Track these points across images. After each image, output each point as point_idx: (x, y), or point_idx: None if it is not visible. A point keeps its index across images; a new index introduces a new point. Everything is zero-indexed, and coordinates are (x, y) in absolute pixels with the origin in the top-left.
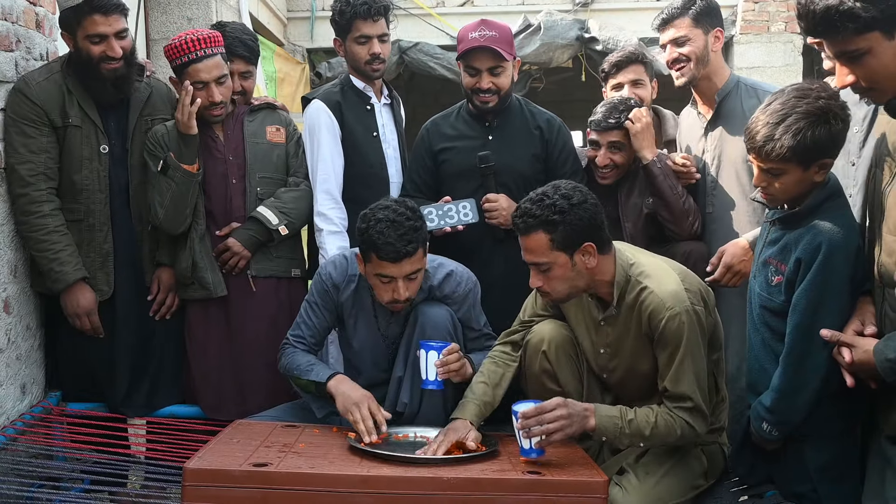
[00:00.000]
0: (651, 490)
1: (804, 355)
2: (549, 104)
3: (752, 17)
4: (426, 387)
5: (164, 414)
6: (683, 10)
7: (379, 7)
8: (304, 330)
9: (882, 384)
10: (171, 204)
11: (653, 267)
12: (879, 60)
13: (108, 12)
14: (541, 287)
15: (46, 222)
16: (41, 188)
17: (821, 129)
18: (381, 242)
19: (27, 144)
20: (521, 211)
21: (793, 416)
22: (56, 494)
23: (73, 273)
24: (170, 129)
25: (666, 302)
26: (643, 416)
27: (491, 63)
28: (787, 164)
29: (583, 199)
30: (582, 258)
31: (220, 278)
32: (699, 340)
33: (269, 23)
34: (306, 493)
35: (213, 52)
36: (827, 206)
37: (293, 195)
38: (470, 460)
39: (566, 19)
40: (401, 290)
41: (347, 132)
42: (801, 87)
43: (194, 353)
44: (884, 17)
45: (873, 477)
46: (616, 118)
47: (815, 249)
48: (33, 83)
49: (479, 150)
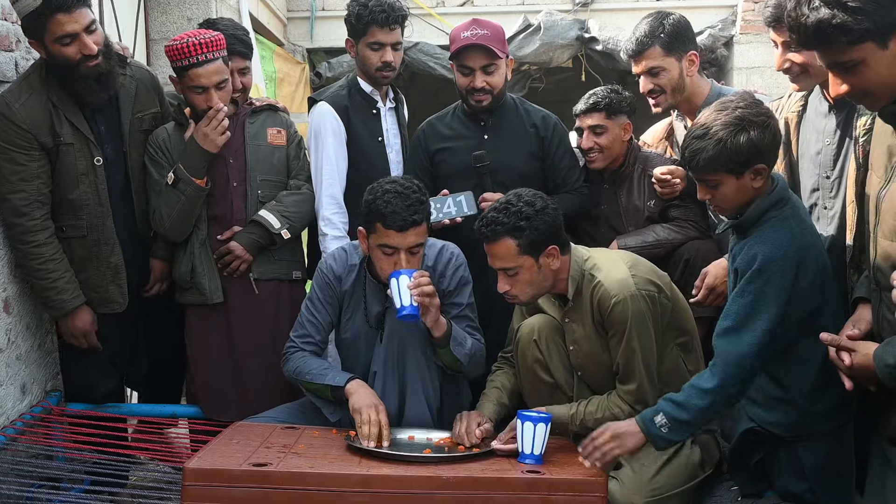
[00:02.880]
0: (648, 482)
1: (729, 362)
2: (548, 104)
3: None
4: (401, 315)
5: (165, 414)
6: (653, 39)
7: (396, 16)
8: (308, 328)
9: (881, 387)
10: (178, 216)
11: (603, 260)
12: (874, 70)
13: (70, 9)
14: (508, 291)
15: (42, 251)
16: (35, 217)
17: (740, 136)
18: (388, 211)
19: (18, 172)
20: (488, 220)
21: (697, 420)
22: (56, 494)
23: (71, 301)
24: (171, 133)
25: (611, 290)
26: (589, 411)
27: (484, 61)
28: (718, 175)
29: (544, 206)
30: (546, 260)
31: (218, 285)
32: (647, 323)
33: (268, 23)
34: (306, 493)
35: (215, 56)
36: (770, 215)
37: (295, 198)
38: (467, 459)
39: (566, 19)
40: (403, 263)
41: (353, 136)
42: (723, 100)
43: (195, 355)
44: (876, 27)
45: (874, 478)
46: (594, 100)
47: (750, 260)
48: (17, 105)
49: (475, 150)
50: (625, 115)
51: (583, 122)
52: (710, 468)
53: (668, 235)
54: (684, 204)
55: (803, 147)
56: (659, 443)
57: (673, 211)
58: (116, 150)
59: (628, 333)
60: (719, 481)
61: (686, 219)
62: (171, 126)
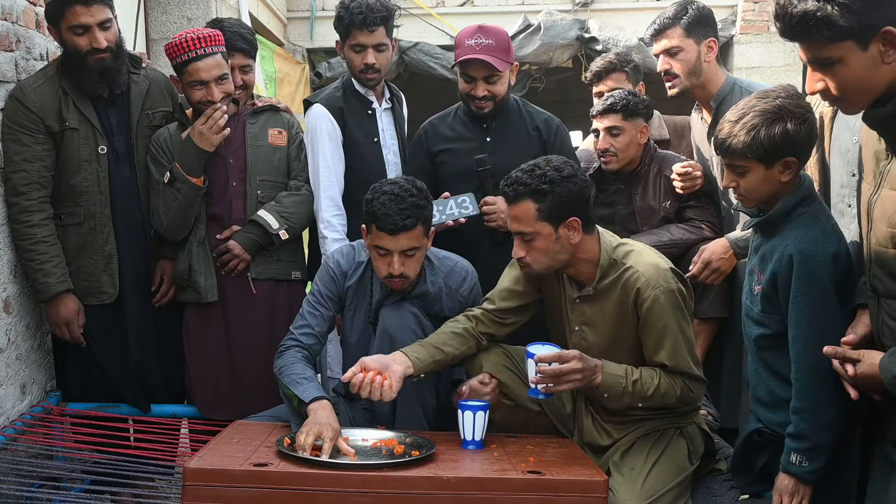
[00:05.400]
0: (641, 484)
1: (813, 368)
2: (548, 104)
3: (752, 17)
4: (466, 446)
5: (165, 414)
6: (675, 20)
7: (375, 17)
8: (309, 319)
9: (886, 395)
10: (175, 214)
11: (638, 248)
12: (850, 70)
13: (89, 3)
14: (522, 258)
15: (34, 232)
16: (32, 198)
17: (776, 126)
18: (381, 213)
19: (21, 153)
20: (512, 179)
21: (820, 437)
22: (56, 494)
23: (56, 285)
24: (172, 133)
25: (651, 281)
26: (647, 377)
27: (487, 72)
28: (748, 162)
29: (573, 174)
30: (566, 232)
31: (213, 283)
32: (687, 316)
33: (269, 23)
34: (306, 493)
35: (214, 50)
36: (799, 211)
37: (294, 199)
38: (406, 465)
39: (566, 19)
40: (395, 265)
41: (349, 137)
42: (766, 90)
43: (192, 353)
44: (859, 26)
45: (877, 481)
46: (611, 101)
47: (787, 262)
48: (29, 89)
49: (477, 152)
50: (641, 117)
51: (599, 124)
52: (697, 460)
53: (682, 235)
54: (699, 204)
55: (836, 143)
56: (806, 477)
57: (688, 211)
58: (126, 144)
59: (675, 326)
60: (719, 480)
61: (701, 219)
62: (173, 126)
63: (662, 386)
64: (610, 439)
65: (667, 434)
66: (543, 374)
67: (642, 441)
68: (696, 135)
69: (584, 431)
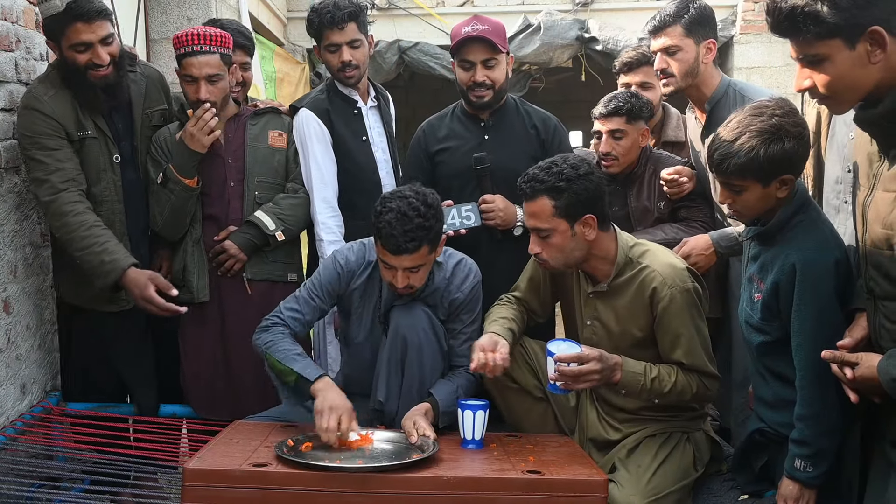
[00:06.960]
0: (646, 483)
1: (817, 376)
2: (548, 104)
3: (752, 17)
4: (466, 445)
5: (165, 414)
6: (676, 18)
7: (343, 14)
8: (302, 305)
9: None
10: (169, 215)
11: (653, 248)
12: (837, 69)
13: (90, 20)
14: (539, 253)
15: (86, 218)
16: (73, 190)
17: (773, 146)
18: (385, 233)
19: (52, 154)
20: (529, 176)
21: (824, 442)
22: (56, 494)
23: (125, 259)
24: (173, 132)
25: (668, 280)
26: (665, 375)
27: (485, 55)
28: (746, 181)
29: (589, 171)
30: (582, 229)
31: (206, 283)
32: (702, 314)
33: (268, 23)
34: (306, 493)
35: (212, 50)
36: (797, 220)
37: (291, 202)
38: (406, 468)
39: (566, 19)
40: (398, 280)
41: (337, 138)
42: (759, 104)
43: (186, 353)
44: (847, 25)
45: (876, 481)
46: (616, 104)
47: (790, 271)
48: (45, 98)
49: (475, 150)
50: (643, 120)
51: (602, 126)
52: (702, 468)
53: (676, 235)
54: (693, 204)
55: (831, 138)
56: (810, 482)
57: (682, 212)
58: (131, 147)
59: (691, 324)
60: (719, 480)
61: (695, 219)
62: (174, 126)
63: (679, 383)
64: (618, 434)
65: (674, 437)
66: (562, 374)
67: (650, 441)
68: (691, 133)
69: (589, 426)
